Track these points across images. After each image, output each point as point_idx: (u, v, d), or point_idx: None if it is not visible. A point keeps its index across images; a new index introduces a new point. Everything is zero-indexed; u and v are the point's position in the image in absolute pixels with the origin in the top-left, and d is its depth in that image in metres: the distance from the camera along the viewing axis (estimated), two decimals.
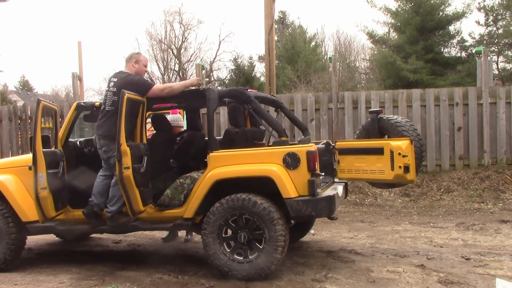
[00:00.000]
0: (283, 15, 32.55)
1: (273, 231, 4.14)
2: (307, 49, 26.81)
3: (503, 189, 8.18)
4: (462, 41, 21.00)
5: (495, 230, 6.22)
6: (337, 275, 4.37)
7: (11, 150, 9.88)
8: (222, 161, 4.38)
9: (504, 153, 8.68)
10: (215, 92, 4.62)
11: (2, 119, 9.97)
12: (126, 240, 6.31)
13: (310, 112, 9.17)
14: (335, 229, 6.51)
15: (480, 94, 8.74)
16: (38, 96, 43.39)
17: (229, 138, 4.76)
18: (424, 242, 5.68)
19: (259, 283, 4.17)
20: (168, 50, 31.04)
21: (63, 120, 9.17)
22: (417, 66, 18.27)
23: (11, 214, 4.83)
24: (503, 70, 21.46)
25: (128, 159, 4.30)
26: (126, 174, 4.30)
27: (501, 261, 4.73)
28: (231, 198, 4.27)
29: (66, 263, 5.09)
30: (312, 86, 20.77)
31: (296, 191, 4.15)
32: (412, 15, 19.56)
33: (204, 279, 4.36)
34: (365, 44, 26.51)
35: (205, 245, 4.34)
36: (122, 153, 4.28)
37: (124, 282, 4.38)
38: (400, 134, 4.91)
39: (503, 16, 20.50)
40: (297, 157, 4.16)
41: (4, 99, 30.16)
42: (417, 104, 8.86)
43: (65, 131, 5.05)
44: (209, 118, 4.60)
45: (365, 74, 26.15)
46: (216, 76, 32.45)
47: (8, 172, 5.00)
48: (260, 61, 30.62)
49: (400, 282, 4.16)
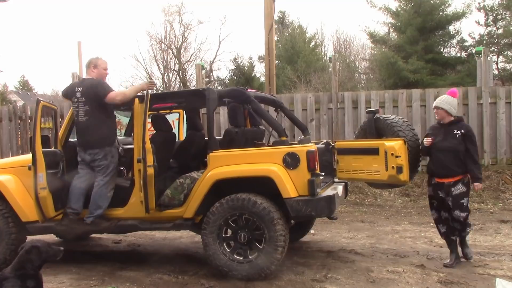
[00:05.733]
0: (282, 15, 32.53)
1: (273, 231, 4.14)
2: (306, 49, 26.80)
3: (503, 189, 8.18)
4: (462, 41, 21.05)
5: (495, 230, 6.22)
6: (337, 275, 4.37)
7: (11, 150, 9.88)
8: (222, 161, 4.38)
9: (504, 153, 8.67)
10: (214, 92, 4.61)
11: (2, 119, 9.97)
12: (126, 240, 6.31)
13: (310, 112, 9.17)
14: (335, 229, 6.51)
15: (480, 94, 8.73)
16: (38, 96, 43.41)
17: (229, 138, 4.76)
18: (424, 242, 5.68)
19: (259, 283, 4.17)
20: (168, 50, 30.98)
21: (63, 120, 9.16)
22: (417, 66, 18.29)
23: (11, 214, 4.83)
24: (503, 70, 21.47)
25: (151, 157, 4.44)
26: (150, 172, 4.41)
27: (501, 261, 4.73)
28: (231, 198, 4.27)
29: (66, 263, 5.07)
30: (312, 86, 20.76)
31: (296, 191, 4.15)
32: (412, 15, 19.58)
33: (204, 279, 4.36)
34: (365, 44, 26.49)
35: (205, 245, 4.34)
36: (147, 151, 4.41)
37: (124, 282, 4.38)
38: (396, 134, 4.89)
39: (503, 16, 20.53)
40: (297, 157, 4.16)
41: (4, 99, 30.14)
42: (417, 104, 8.86)
43: (65, 131, 5.04)
44: (209, 118, 4.60)
45: (365, 74, 26.15)
46: (216, 76, 32.43)
47: (8, 172, 4.99)
48: (260, 61, 30.60)
49: (400, 282, 4.16)
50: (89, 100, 4.59)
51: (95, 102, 4.59)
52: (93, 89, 4.59)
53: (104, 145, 4.67)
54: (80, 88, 4.64)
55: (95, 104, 4.59)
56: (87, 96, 4.58)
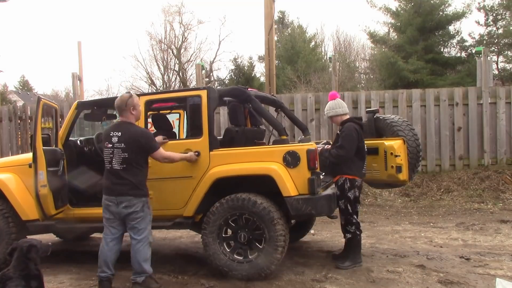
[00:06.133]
0: (282, 15, 32.53)
1: (273, 231, 4.14)
2: (306, 49, 26.79)
3: (503, 189, 8.18)
4: (462, 41, 21.04)
5: (495, 230, 6.22)
6: (337, 275, 4.37)
7: (11, 150, 9.87)
8: (222, 160, 4.38)
9: (504, 153, 8.68)
10: (215, 91, 4.61)
11: (2, 119, 9.97)
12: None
13: (310, 112, 9.17)
14: (335, 229, 6.50)
15: (480, 94, 8.74)
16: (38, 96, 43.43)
17: (230, 137, 4.76)
18: (424, 242, 5.68)
19: (259, 283, 4.16)
20: (168, 50, 31.00)
21: (63, 120, 9.17)
22: (417, 66, 18.28)
23: (11, 214, 4.83)
24: (503, 70, 21.47)
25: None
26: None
27: (501, 261, 4.73)
28: (231, 198, 4.27)
29: (66, 263, 5.09)
30: (312, 86, 20.75)
31: (296, 189, 4.15)
32: (412, 15, 19.57)
33: (204, 279, 4.36)
34: (365, 44, 26.48)
35: (205, 245, 4.34)
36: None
37: (124, 282, 4.38)
38: (396, 134, 4.89)
39: (503, 16, 20.53)
40: (297, 156, 4.16)
41: (4, 99, 30.13)
42: (417, 104, 8.86)
43: (66, 130, 5.04)
44: (209, 117, 4.59)
45: (365, 74, 26.15)
46: (216, 76, 32.44)
47: (8, 171, 5.00)
48: (260, 61, 30.61)
49: (400, 282, 4.16)
50: (130, 149, 4.02)
51: (138, 151, 4.06)
52: (143, 139, 4.05)
53: (141, 196, 4.11)
54: (120, 134, 4.04)
55: (137, 152, 4.06)
56: (129, 143, 4.01)
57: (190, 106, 4.69)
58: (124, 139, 4.01)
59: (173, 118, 6.32)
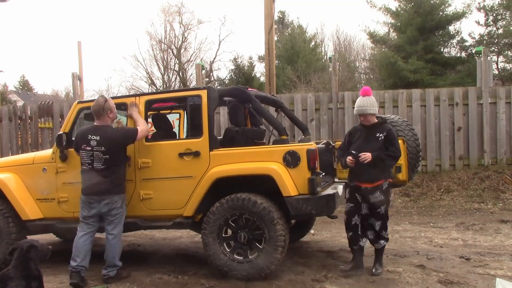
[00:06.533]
0: (282, 15, 32.51)
1: (273, 231, 4.14)
2: (306, 49, 26.77)
3: (503, 189, 8.18)
4: (462, 41, 21.01)
5: (495, 230, 6.22)
6: (337, 275, 4.37)
7: (11, 150, 9.87)
8: (222, 159, 4.38)
9: (504, 153, 8.68)
10: (215, 91, 4.61)
11: (2, 119, 9.97)
12: (126, 240, 6.30)
13: (310, 112, 9.17)
14: (335, 229, 6.50)
15: (480, 94, 8.74)
16: (38, 96, 43.40)
17: (230, 137, 4.76)
18: (424, 242, 5.68)
19: (259, 283, 4.16)
20: (168, 50, 31.02)
21: (63, 120, 9.18)
22: (417, 66, 18.27)
23: (11, 214, 4.85)
24: (503, 70, 21.45)
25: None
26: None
27: (501, 261, 4.73)
28: (231, 198, 4.27)
29: (66, 263, 5.05)
30: (312, 86, 20.74)
31: (296, 189, 4.15)
32: (412, 15, 19.57)
33: (204, 279, 4.36)
34: (365, 44, 26.48)
35: (205, 245, 4.34)
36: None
37: (124, 282, 4.38)
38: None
39: (503, 16, 20.51)
40: (297, 156, 4.16)
41: (4, 99, 30.12)
42: (417, 104, 8.86)
43: (66, 130, 5.03)
44: (209, 117, 4.59)
45: (365, 74, 26.14)
46: (216, 76, 32.44)
47: (8, 171, 5.02)
48: (260, 61, 30.58)
49: (400, 282, 4.16)
50: (111, 150, 4.32)
51: (118, 151, 4.39)
52: (118, 140, 4.37)
53: (121, 192, 4.43)
54: (98, 137, 4.32)
55: (117, 152, 4.38)
56: (108, 146, 4.31)
57: (190, 106, 4.71)
58: (104, 142, 4.31)
59: (173, 118, 6.32)
